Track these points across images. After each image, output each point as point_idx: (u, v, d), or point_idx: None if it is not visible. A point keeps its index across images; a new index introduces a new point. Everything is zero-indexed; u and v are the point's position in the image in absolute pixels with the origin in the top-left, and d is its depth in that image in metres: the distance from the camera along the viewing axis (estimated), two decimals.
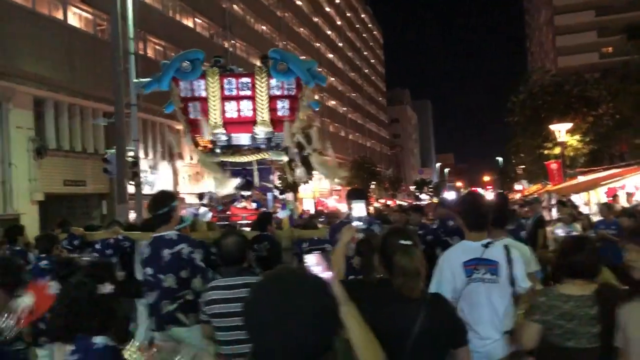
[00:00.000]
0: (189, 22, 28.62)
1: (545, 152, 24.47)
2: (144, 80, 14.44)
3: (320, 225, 7.23)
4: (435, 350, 2.51)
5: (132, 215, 15.49)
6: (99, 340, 2.34)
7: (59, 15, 19.65)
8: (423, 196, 67.22)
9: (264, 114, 7.09)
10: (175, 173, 25.55)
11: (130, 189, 14.78)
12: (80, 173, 20.18)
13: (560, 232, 8.88)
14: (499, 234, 3.66)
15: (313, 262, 1.99)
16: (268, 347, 1.33)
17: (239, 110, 7.20)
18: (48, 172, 18.84)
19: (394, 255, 2.47)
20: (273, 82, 7.08)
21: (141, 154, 18.29)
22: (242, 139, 7.48)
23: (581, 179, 16.22)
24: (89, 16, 21.24)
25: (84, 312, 2.33)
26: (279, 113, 7.18)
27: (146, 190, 20.37)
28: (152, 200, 4.24)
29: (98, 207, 21.37)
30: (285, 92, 7.14)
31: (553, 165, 20.97)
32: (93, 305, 2.35)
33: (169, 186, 23.11)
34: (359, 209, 3.07)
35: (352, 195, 4.10)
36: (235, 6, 34.64)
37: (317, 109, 11.93)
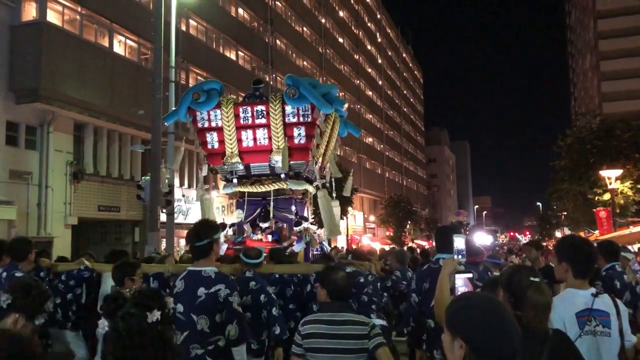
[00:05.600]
0: (231, 55, 28.88)
1: (596, 198, 23.41)
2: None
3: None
4: None
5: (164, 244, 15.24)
6: None
7: (105, 42, 19.94)
8: None
9: (279, 142, 7.00)
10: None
11: (163, 217, 14.58)
12: (114, 199, 20.16)
13: None
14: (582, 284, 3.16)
15: (461, 284, 2.53)
16: (496, 345, 1.66)
17: (255, 139, 7.17)
18: (83, 197, 18.88)
19: (527, 291, 2.56)
20: (288, 109, 6.94)
21: (176, 183, 18.11)
22: (260, 168, 7.38)
23: (633, 229, 15.23)
24: (134, 44, 21.52)
25: (135, 344, 2.16)
26: (296, 141, 7.05)
27: (179, 219, 20.22)
28: (192, 230, 3.89)
29: (130, 234, 21.30)
30: (301, 119, 6.97)
31: (602, 213, 19.96)
32: (142, 336, 2.17)
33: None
34: (459, 243, 3.26)
35: (451, 231, 4.07)
36: (278, 41, 34.99)
37: (358, 135, 11.38)
